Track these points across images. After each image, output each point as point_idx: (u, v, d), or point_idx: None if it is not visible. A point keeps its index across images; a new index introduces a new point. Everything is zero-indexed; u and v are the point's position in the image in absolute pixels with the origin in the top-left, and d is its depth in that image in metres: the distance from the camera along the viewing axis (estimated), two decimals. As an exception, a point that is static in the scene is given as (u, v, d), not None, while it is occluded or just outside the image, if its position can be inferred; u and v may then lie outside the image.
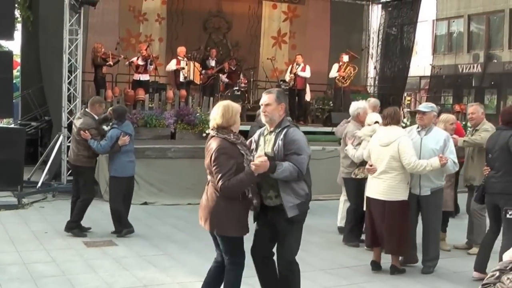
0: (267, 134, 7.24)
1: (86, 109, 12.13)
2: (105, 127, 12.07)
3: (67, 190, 15.95)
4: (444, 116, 11.71)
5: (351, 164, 11.67)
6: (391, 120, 9.83)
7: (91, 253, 10.56)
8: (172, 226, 12.72)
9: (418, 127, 10.02)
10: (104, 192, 15.64)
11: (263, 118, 7.22)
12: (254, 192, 7.01)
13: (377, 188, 9.71)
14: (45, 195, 15.65)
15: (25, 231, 12.09)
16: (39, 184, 15.83)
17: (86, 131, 11.60)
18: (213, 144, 6.80)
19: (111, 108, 12.50)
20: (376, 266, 9.98)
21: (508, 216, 9.24)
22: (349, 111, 12.31)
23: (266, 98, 7.15)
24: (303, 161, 7.18)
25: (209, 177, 6.95)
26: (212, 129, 6.98)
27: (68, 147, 16.31)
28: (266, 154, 6.94)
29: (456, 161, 9.62)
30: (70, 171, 13.10)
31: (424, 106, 10.12)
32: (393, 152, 9.54)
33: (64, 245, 11.03)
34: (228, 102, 7.15)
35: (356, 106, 12.16)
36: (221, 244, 6.99)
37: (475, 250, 10.55)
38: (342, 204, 12.78)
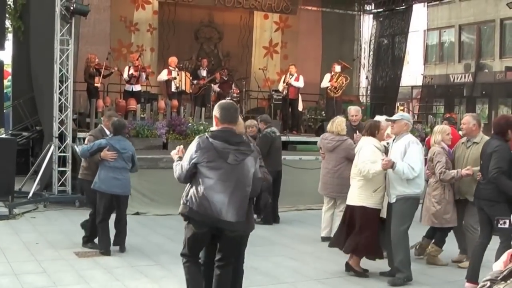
0: None
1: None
2: None
3: (59, 200, 15.96)
4: (439, 127, 11.70)
5: None
6: (366, 131, 10.30)
7: (83, 264, 10.49)
8: (164, 236, 12.67)
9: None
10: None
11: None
12: None
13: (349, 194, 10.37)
14: (36, 206, 15.56)
15: (16, 241, 11.99)
16: (30, 194, 15.75)
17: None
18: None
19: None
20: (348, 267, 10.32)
21: (500, 225, 9.25)
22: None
23: None
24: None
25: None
26: None
27: (59, 157, 16.30)
28: None
29: (414, 166, 9.44)
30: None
31: (396, 115, 10.28)
32: (356, 159, 10.18)
33: (55, 256, 10.95)
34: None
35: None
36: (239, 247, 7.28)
37: (466, 263, 10.52)
38: (324, 214, 13.03)
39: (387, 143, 10.63)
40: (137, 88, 20.35)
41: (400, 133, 9.85)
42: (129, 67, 20.28)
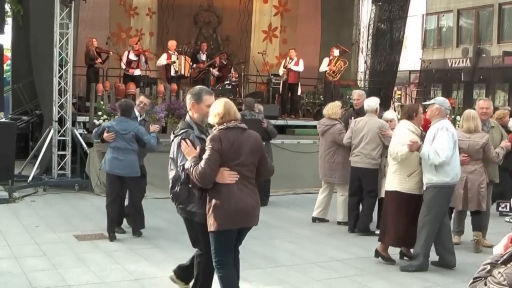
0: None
1: None
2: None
3: (58, 184, 16.03)
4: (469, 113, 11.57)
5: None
6: (403, 114, 10.11)
7: (82, 247, 10.58)
8: (163, 219, 12.72)
9: None
10: (95, 185, 15.67)
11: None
12: None
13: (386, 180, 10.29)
14: (36, 189, 15.65)
15: (16, 225, 12.09)
16: (30, 178, 15.84)
17: None
18: (255, 135, 6.97)
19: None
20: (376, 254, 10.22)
21: (500, 209, 9.43)
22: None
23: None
24: None
25: (246, 174, 6.86)
26: (234, 122, 6.84)
27: (59, 141, 16.35)
28: None
29: (440, 152, 9.22)
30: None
31: (431, 100, 10.17)
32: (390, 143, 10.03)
33: (55, 239, 11.04)
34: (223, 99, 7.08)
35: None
36: (244, 238, 7.19)
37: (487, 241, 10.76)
38: (319, 195, 13.21)
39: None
40: (137, 72, 20.36)
41: (433, 118, 9.71)
42: (129, 52, 20.28)
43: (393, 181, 9.84)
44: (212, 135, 6.83)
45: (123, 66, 20.15)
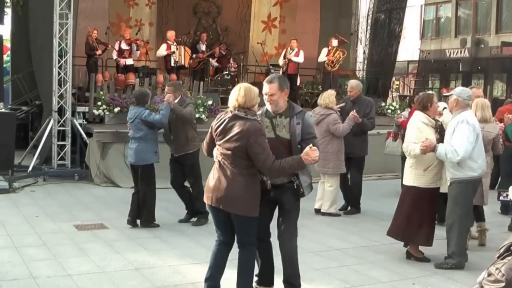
0: (274, 117, 7.43)
1: None
2: None
3: (58, 174, 16.06)
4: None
5: None
6: (418, 105, 9.81)
7: (82, 237, 10.62)
8: (163, 209, 12.71)
9: None
10: (94, 175, 15.69)
11: (269, 107, 7.39)
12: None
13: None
14: (36, 179, 15.66)
15: (16, 215, 12.13)
16: (30, 168, 15.86)
17: None
18: (244, 127, 6.90)
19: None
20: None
21: (501, 198, 9.42)
22: None
23: (268, 88, 7.31)
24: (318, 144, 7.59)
25: (224, 159, 7.07)
26: (234, 109, 7.04)
27: (59, 131, 16.37)
28: (280, 136, 7.33)
29: (458, 149, 8.85)
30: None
31: (452, 91, 9.71)
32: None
33: (55, 229, 11.08)
34: (248, 84, 7.29)
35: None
36: (240, 225, 7.16)
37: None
38: (319, 186, 13.10)
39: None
40: (129, 61, 20.37)
41: (453, 110, 9.32)
42: (120, 41, 20.28)
43: (410, 176, 9.60)
44: None
45: (114, 57, 20.15)
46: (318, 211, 13.09)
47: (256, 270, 7.63)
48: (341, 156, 12.65)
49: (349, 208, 13.45)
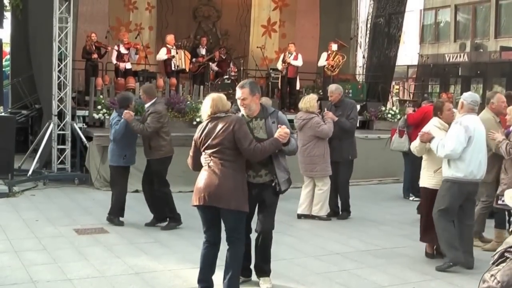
0: (250, 121, 7.83)
1: None
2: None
3: (58, 178, 16.04)
4: None
5: None
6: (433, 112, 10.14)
7: (83, 241, 10.59)
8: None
9: None
10: (95, 179, 15.68)
11: (243, 110, 7.81)
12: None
13: None
14: (36, 183, 15.65)
15: (16, 219, 12.10)
16: (30, 172, 15.83)
17: None
18: (227, 120, 7.41)
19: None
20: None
21: (500, 202, 9.42)
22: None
23: (240, 93, 7.76)
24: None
25: (213, 158, 7.43)
26: (211, 116, 7.49)
27: (59, 135, 16.35)
28: (258, 138, 7.65)
29: (445, 143, 9.18)
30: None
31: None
32: None
33: (55, 233, 11.05)
34: (216, 93, 7.84)
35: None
36: (230, 221, 7.51)
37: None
38: (302, 191, 13.09)
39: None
40: (128, 66, 20.36)
41: (460, 113, 9.54)
42: (119, 46, 20.27)
43: (423, 178, 9.94)
44: None
45: (114, 61, 20.14)
46: (300, 216, 12.97)
47: None
48: (327, 159, 12.62)
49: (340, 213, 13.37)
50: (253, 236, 8.17)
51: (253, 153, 7.41)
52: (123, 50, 20.13)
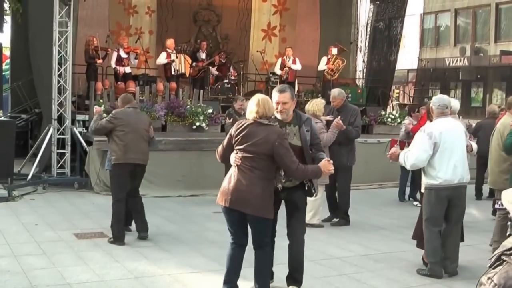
0: (284, 126, 7.84)
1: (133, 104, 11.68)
2: None
3: (58, 182, 16.02)
4: None
5: None
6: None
7: (82, 245, 10.59)
8: (163, 218, 12.75)
9: None
10: (94, 184, 15.67)
11: (279, 115, 7.79)
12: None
13: None
14: (36, 188, 15.64)
15: (15, 223, 12.09)
16: (30, 177, 15.81)
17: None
18: (269, 131, 7.39)
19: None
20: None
21: (496, 206, 9.40)
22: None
23: (281, 97, 7.77)
24: None
25: (245, 162, 7.42)
26: (255, 118, 7.46)
27: (58, 139, 16.33)
28: (292, 144, 7.68)
29: (408, 155, 9.19)
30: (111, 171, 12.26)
31: None
32: None
33: (55, 237, 11.04)
34: (265, 95, 7.74)
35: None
36: (258, 227, 7.60)
37: None
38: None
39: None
40: (127, 70, 20.37)
41: (434, 119, 9.48)
42: (118, 50, 20.26)
43: (422, 182, 9.77)
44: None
45: (113, 65, 20.13)
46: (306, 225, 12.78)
47: None
48: None
49: (333, 219, 13.25)
50: (283, 243, 8.22)
51: (295, 171, 7.48)
52: (122, 54, 20.13)
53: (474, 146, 10.36)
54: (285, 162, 7.35)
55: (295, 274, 8.26)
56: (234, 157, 7.49)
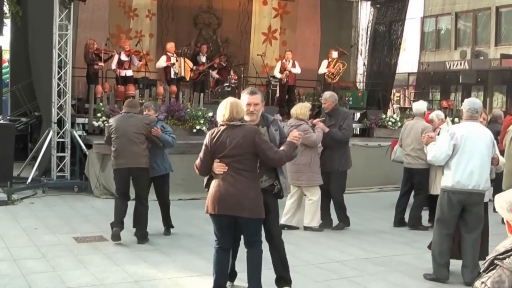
0: None
1: (130, 108, 11.54)
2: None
3: (57, 186, 15.99)
4: None
5: None
6: None
7: (82, 249, 10.56)
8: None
9: None
10: (94, 187, 15.63)
11: (249, 118, 7.84)
12: None
13: None
14: (35, 191, 15.60)
15: (14, 227, 12.06)
16: (29, 180, 15.77)
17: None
18: (244, 130, 7.47)
19: (151, 103, 12.70)
20: None
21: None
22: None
23: (252, 98, 7.91)
24: None
25: (231, 167, 7.46)
26: (226, 121, 7.49)
27: (58, 142, 16.29)
28: None
29: (430, 150, 9.27)
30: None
31: None
32: None
33: (54, 241, 11.01)
34: (234, 98, 7.82)
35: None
36: (251, 228, 7.66)
37: None
38: (288, 199, 12.52)
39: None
40: (129, 73, 20.35)
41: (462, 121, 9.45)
42: (120, 53, 20.24)
43: (438, 185, 9.82)
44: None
45: (113, 67, 20.09)
46: (284, 227, 11.83)
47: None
48: (314, 168, 12.29)
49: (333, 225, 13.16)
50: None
51: (280, 160, 7.65)
52: (123, 57, 20.11)
53: (502, 160, 9.84)
54: (267, 154, 7.46)
55: (283, 274, 8.29)
56: (218, 166, 7.51)
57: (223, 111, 7.50)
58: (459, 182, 8.95)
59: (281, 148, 7.66)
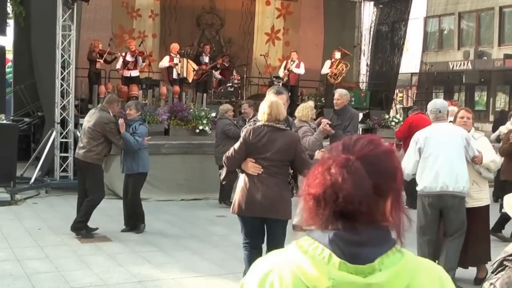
0: None
1: (103, 105, 11.93)
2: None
3: (60, 186, 15.97)
4: None
5: None
6: None
7: (85, 249, 10.56)
8: (166, 222, 12.71)
9: None
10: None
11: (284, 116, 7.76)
12: None
13: None
14: (38, 191, 15.60)
15: (18, 227, 12.06)
16: (32, 180, 15.76)
17: (120, 121, 11.47)
18: (288, 137, 7.56)
19: (133, 102, 12.64)
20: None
21: (503, 210, 9.28)
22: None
23: (279, 98, 7.85)
24: None
25: (268, 170, 7.47)
26: (267, 122, 7.49)
27: (61, 143, 16.29)
28: None
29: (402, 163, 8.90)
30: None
31: None
32: None
33: (58, 241, 11.01)
34: (276, 99, 7.72)
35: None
36: (280, 229, 7.60)
37: None
38: None
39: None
40: (134, 73, 20.34)
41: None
42: (125, 53, 20.25)
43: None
44: (246, 128, 7.73)
45: (130, 59, 20.07)
46: (294, 227, 12.33)
47: None
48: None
49: None
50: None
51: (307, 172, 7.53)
52: (129, 57, 20.11)
53: (489, 158, 9.20)
54: (304, 164, 7.43)
55: None
56: (252, 166, 7.47)
57: (266, 109, 7.48)
58: (426, 185, 8.69)
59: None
